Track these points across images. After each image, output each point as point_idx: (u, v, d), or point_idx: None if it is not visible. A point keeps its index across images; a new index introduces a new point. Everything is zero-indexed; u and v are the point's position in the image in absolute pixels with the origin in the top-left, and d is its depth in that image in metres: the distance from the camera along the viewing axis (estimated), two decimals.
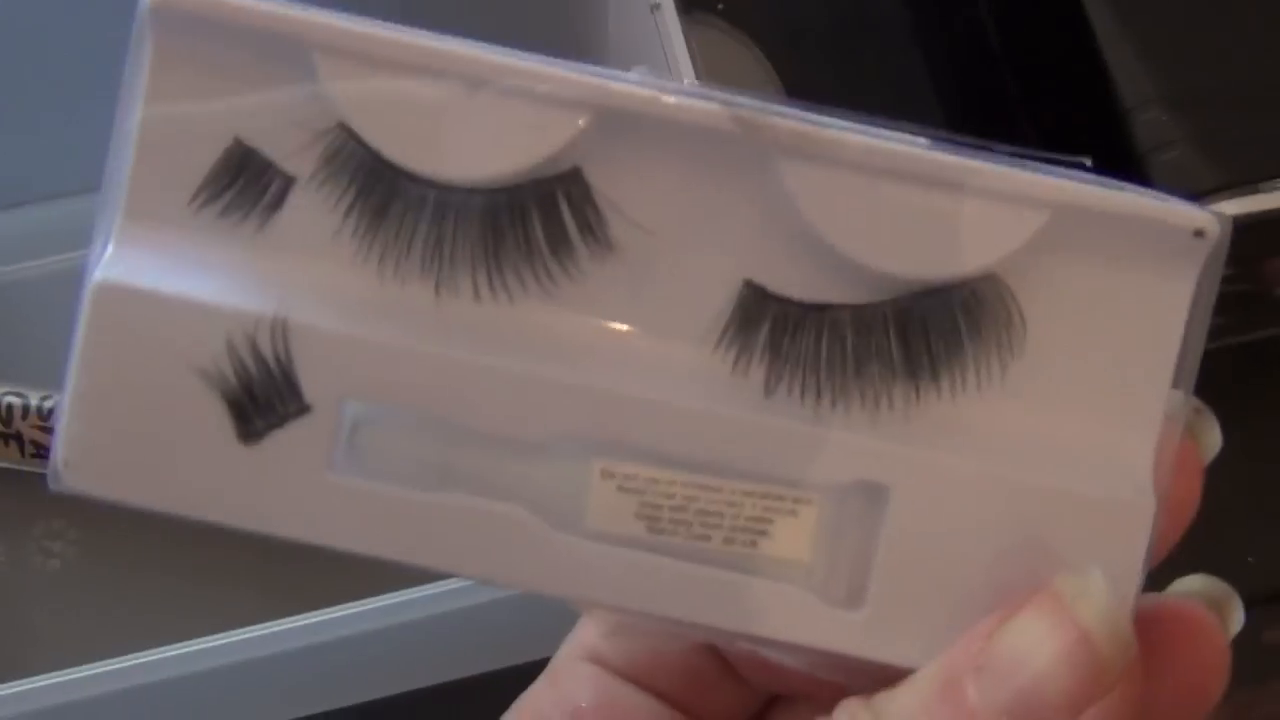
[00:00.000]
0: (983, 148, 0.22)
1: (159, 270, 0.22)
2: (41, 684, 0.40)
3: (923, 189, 0.22)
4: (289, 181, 0.22)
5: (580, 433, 0.22)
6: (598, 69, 0.22)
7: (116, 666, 0.40)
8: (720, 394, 0.22)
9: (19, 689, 0.40)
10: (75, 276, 0.22)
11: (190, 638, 0.41)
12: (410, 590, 0.42)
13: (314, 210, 0.22)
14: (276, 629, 0.41)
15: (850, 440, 0.22)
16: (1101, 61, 0.49)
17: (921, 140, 0.22)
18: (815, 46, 0.65)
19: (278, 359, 0.22)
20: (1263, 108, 0.49)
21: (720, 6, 0.66)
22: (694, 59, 0.47)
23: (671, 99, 0.22)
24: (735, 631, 0.22)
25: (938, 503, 0.22)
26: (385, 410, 0.22)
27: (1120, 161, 0.49)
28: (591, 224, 0.22)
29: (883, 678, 0.22)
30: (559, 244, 0.22)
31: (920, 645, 0.22)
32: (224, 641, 0.41)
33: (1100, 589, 0.21)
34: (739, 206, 0.22)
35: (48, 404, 0.51)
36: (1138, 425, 0.23)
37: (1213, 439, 0.24)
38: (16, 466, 0.51)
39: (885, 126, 0.22)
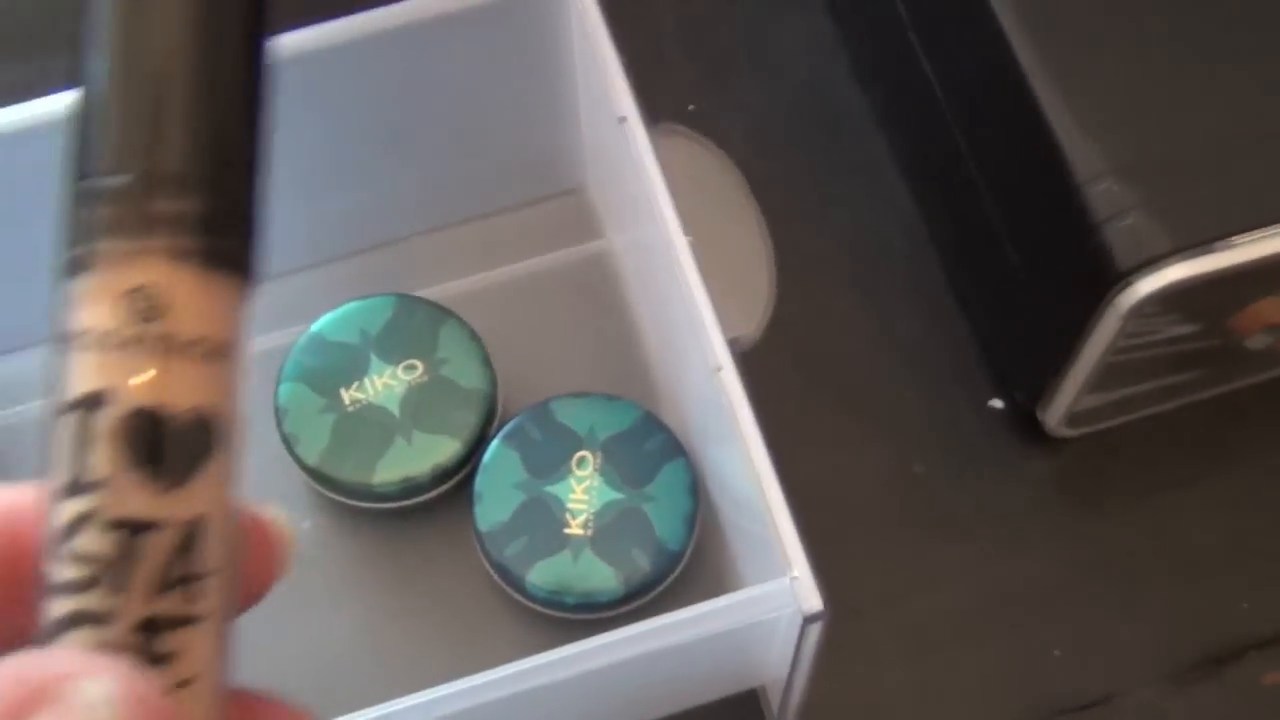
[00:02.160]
0: None
1: None
2: None
3: None
4: None
5: None
6: None
7: None
8: None
9: None
10: None
11: None
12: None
13: None
14: None
15: None
16: (1052, 139, 0.52)
17: None
18: (782, 143, 0.68)
19: None
20: (1206, 172, 0.51)
21: (691, 109, 0.69)
22: (664, 167, 0.49)
23: None
24: None
25: None
26: None
27: (1077, 232, 0.51)
28: None
29: None
30: None
31: None
32: None
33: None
34: None
35: None
36: None
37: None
38: None
39: None
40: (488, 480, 0.57)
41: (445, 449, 0.57)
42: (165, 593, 0.21)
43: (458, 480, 0.58)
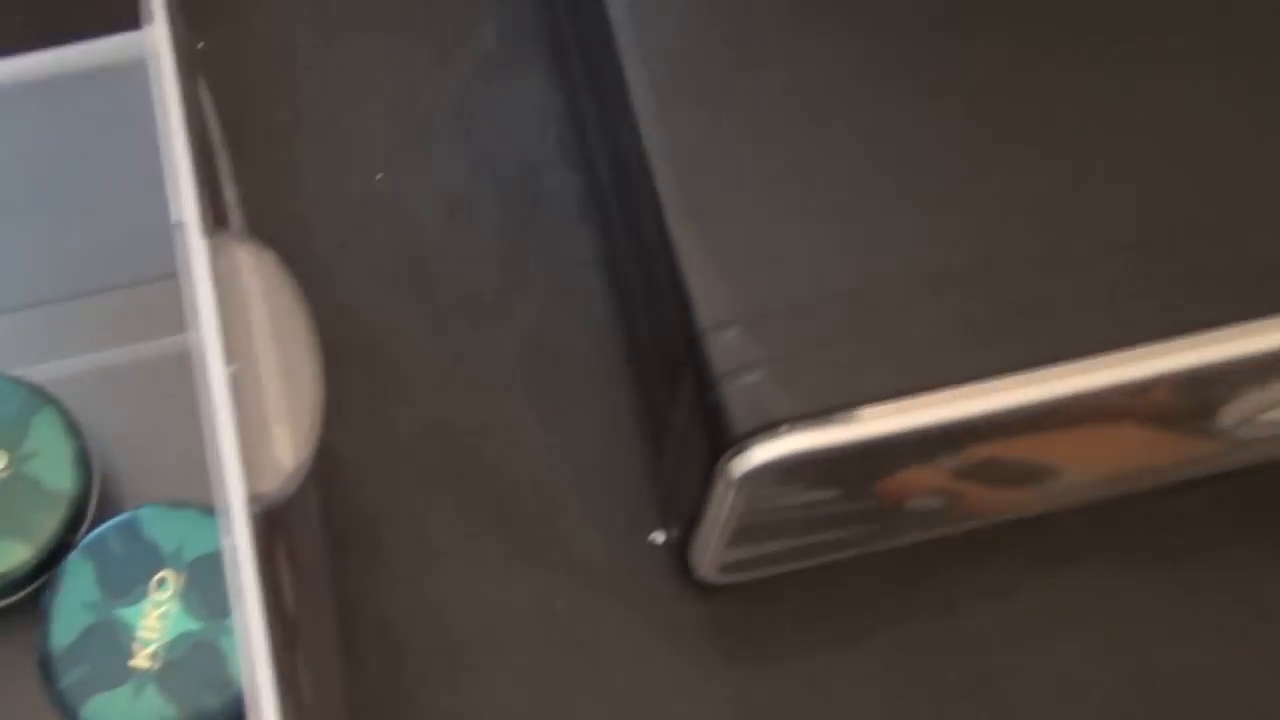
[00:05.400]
0: None
1: None
2: None
3: None
4: None
5: None
6: None
7: None
8: None
9: None
10: None
11: None
12: None
13: None
14: None
15: None
16: (679, 275, 0.46)
17: None
18: (472, 224, 0.62)
19: None
20: (841, 330, 0.45)
21: (379, 178, 0.63)
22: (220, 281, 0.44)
23: None
24: None
25: None
26: None
27: (703, 383, 0.46)
28: None
29: None
30: None
31: None
32: None
33: None
34: None
35: None
36: None
37: None
38: None
39: None
40: (57, 597, 0.51)
41: (15, 555, 0.51)
42: None
43: (29, 592, 0.52)
